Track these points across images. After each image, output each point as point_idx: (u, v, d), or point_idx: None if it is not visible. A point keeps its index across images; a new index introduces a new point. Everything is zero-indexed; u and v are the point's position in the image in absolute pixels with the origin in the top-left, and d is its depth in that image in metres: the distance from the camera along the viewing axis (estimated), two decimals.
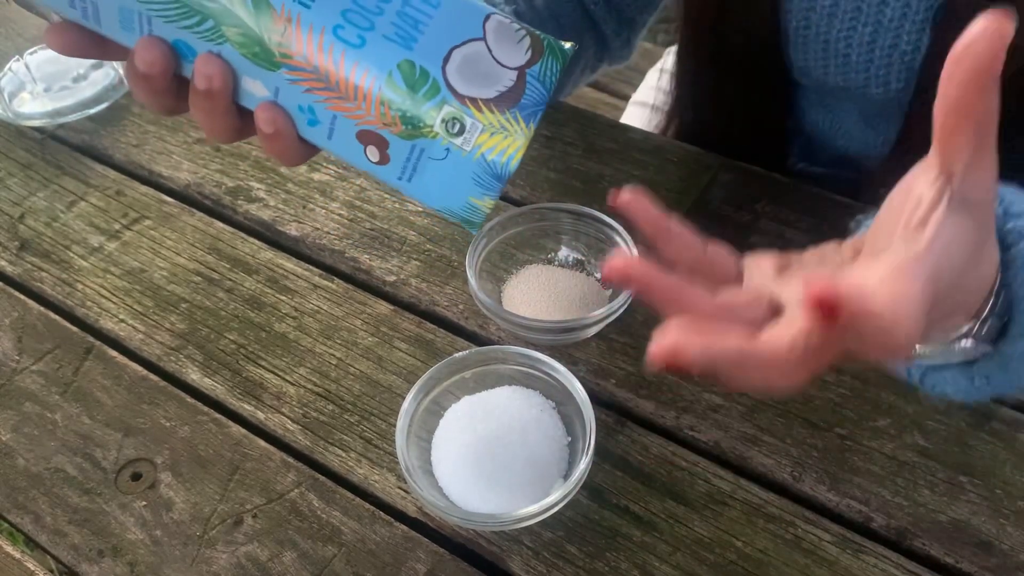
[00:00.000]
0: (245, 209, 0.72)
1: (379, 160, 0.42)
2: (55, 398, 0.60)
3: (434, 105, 0.40)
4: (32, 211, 0.73)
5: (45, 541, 0.53)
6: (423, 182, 0.42)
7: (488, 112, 0.40)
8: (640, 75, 1.06)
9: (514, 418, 0.53)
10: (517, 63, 0.41)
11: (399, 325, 0.62)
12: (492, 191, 0.42)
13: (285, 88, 0.40)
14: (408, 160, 0.41)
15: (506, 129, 0.40)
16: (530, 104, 0.41)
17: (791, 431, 0.55)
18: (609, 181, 0.70)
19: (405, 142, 0.40)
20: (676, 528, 0.51)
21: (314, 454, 0.56)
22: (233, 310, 0.64)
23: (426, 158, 0.41)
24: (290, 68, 0.39)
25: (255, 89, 0.41)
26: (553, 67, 0.42)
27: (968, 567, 0.49)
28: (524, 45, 0.41)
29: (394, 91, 0.39)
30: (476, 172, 0.41)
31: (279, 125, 0.41)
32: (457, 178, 0.41)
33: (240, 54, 0.40)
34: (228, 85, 0.40)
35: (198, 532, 0.53)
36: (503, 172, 0.41)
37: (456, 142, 0.40)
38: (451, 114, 0.40)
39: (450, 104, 0.40)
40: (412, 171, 0.42)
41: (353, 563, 0.51)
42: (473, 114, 0.40)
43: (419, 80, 0.39)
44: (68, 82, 0.80)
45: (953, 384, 0.40)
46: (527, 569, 0.50)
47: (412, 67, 0.39)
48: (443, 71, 0.40)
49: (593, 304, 0.60)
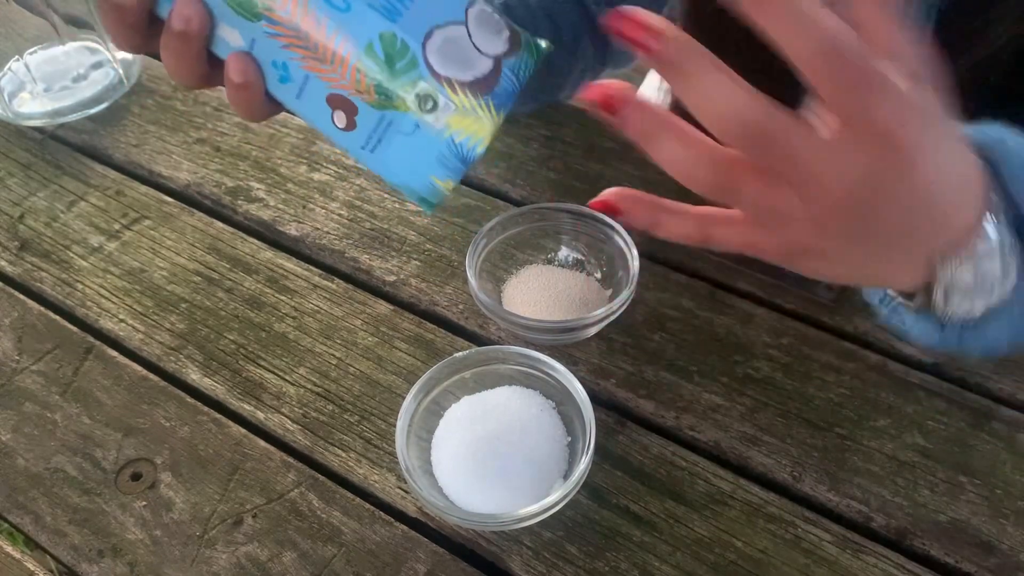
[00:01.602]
0: (245, 209, 0.72)
1: (345, 126, 0.42)
2: (55, 398, 0.60)
3: (410, 80, 0.40)
4: (32, 211, 0.73)
5: (45, 541, 0.53)
6: (386, 155, 0.42)
7: (462, 94, 0.40)
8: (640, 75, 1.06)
9: (514, 418, 0.53)
10: (495, 51, 0.41)
11: (399, 325, 0.62)
12: (455, 173, 0.42)
13: (262, 41, 0.40)
14: (375, 130, 0.42)
15: (477, 113, 0.41)
16: (502, 94, 0.41)
17: (791, 431, 0.55)
18: (609, 181, 0.70)
19: (375, 111, 0.41)
20: (676, 528, 0.51)
21: (314, 454, 0.56)
22: (233, 310, 0.64)
23: (394, 131, 0.41)
24: (271, 21, 0.40)
25: (231, 38, 0.41)
26: (528, 63, 0.42)
27: (968, 567, 0.49)
28: (503, 36, 0.42)
29: (373, 60, 0.40)
30: (442, 151, 0.41)
31: (249, 77, 0.41)
32: (422, 154, 0.42)
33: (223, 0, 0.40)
34: (205, 29, 0.40)
35: (198, 532, 0.53)
36: (468, 155, 0.41)
37: (427, 119, 0.40)
38: (426, 90, 0.40)
39: (426, 80, 0.40)
40: (377, 142, 0.42)
41: (353, 563, 0.51)
42: (448, 94, 0.40)
43: (399, 53, 0.40)
44: (68, 82, 0.80)
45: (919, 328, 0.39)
46: (527, 569, 0.50)
47: (394, 39, 0.40)
48: (423, 48, 0.40)
49: (593, 304, 0.60)
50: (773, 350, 0.59)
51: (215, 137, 0.78)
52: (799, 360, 0.58)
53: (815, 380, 0.57)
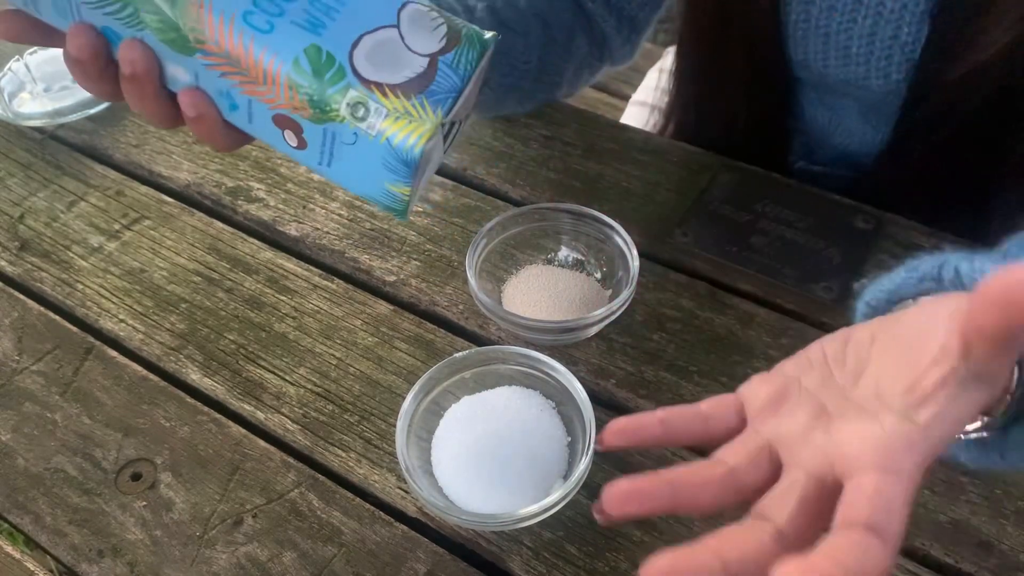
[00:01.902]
0: (245, 209, 0.72)
1: (297, 145, 0.42)
2: (55, 398, 0.60)
3: (339, 89, 0.40)
4: (32, 211, 0.73)
5: (45, 541, 0.53)
6: (341, 167, 0.43)
7: (393, 97, 0.40)
8: (640, 75, 1.06)
9: (514, 418, 0.53)
10: (429, 50, 0.42)
11: (399, 325, 0.62)
12: (403, 177, 0.42)
13: (203, 73, 0.41)
14: (324, 145, 0.42)
15: (410, 114, 0.41)
16: (440, 91, 0.41)
17: None
18: (609, 181, 0.70)
19: (317, 126, 0.41)
20: (676, 528, 0.51)
21: (314, 454, 0.56)
22: (233, 310, 0.64)
23: (339, 142, 0.42)
24: (204, 53, 0.40)
25: (178, 75, 0.42)
26: (469, 55, 0.42)
27: (968, 567, 0.49)
28: (439, 33, 0.42)
29: (300, 75, 0.40)
30: (383, 156, 0.41)
31: (201, 109, 0.42)
32: (368, 163, 0.42)
33: (159, 39, 0.40)
34: (152, 70, 0.41)
35: (198, 532, 0.53)
36: (408, 157, 0.41)
37: (362, 126, 0.41)
38: (355, 98, 0.40)
39: (355, 88, 0.40)
40: (330, 156, 0.42)
41: (353, 563, 0.51)
42: (378, 98, 0.40)
43: (325, 64, 0.40)
44: (68, 82, 0.80)
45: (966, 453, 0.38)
46: (527, 569, 0.50)
47: (319, 52, 0.40)
48: (350, 56, 0.40)
49: (593, 304, 0.60)
50: (773, 350, 0.59)
51: None
52: None
53: None
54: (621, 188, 0.70)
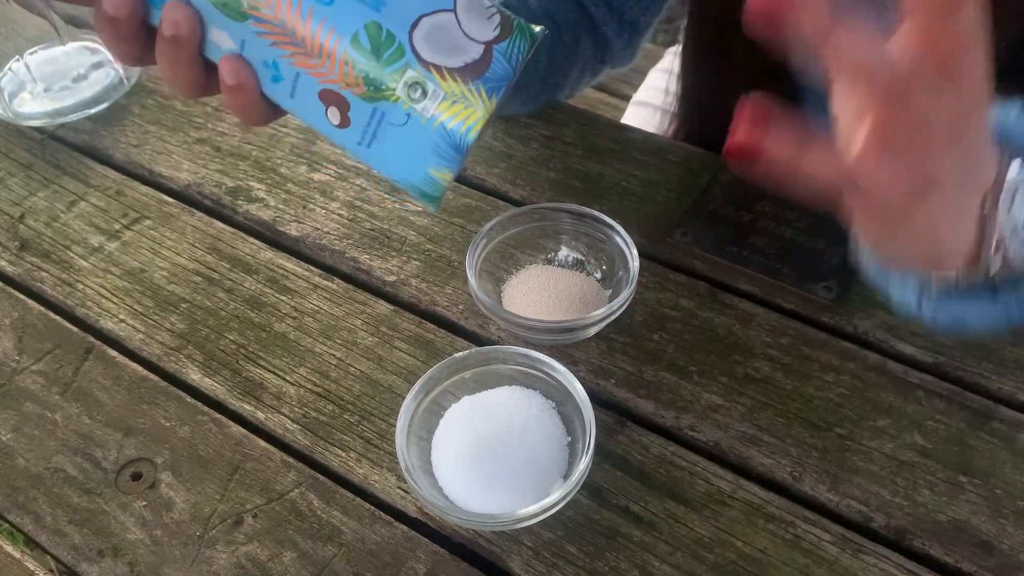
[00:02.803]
0: (245, 209, 0.72)
1: (340, 123, 0.42)
2: (55, 398, 0.60)
3: (397, 68, 0.40)
4: (32, 211, 0.73)
5: (45, 541, 0.53)
6: (382, 149, 0.42)
7: (451, 80, 0.40)
8: (640, 75, 1.06)
9: (514, 418, 0.53)
10: (485, 37, 0.41)
11: (399, 325, 0.62)
12: (451, 163, 0.41)
13: (251, 40, 0.40)
14: (368, 124, 0.41)
15: (467, 99, 0.40)
16: (494, 78, 0.41)
17: (791, 431, 0.55)
18: (609, 181, 0.70)
19: (367, 104, 0.41)
20: (676, 528, 0.51)
21: (314, 454, 0.56)
22: (233, 310, 0.64)
23: (386, 123, 0.41)
24: (257, 20, 0.39)
25: (221, 40, 0.41)
26: (521, 46, 0.42)
27: (968, 567, 0.49)
28: (494, 22, 0.41)
29: (359, 51, 0.39)
30: (435, 140, 0.41)
31: (242, 78, 0.41)
32: (417, 145, 0.41)
33: (209, 2, 0.40)
34: (195, 33, 0.40)
35: (198, 532, 0.53)
36: (461, 142, 0.41)
37: (417, 107, 0.40)
38: (414, 78, 0.40)
39: (413, 68, 0.40)
40: (372, 136, 0.42)
41: (353, 563, 0.51)
42: (436, 80, 0.40)
43: (385, 42, 0.39)
44: (68, 82, 0.80)
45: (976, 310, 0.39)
46: (527, 569, 0.50)
47: (379, 29, 0.39)
48: (410, 36, 0.40)
49: (593, 304, 0.60)
50: (773, 350, 0.59)
51: (215, 137, 0.78)
52: (799, 360, 0.58)
53: (815, 380, 0.57)
54: (621, 188, 0.70)
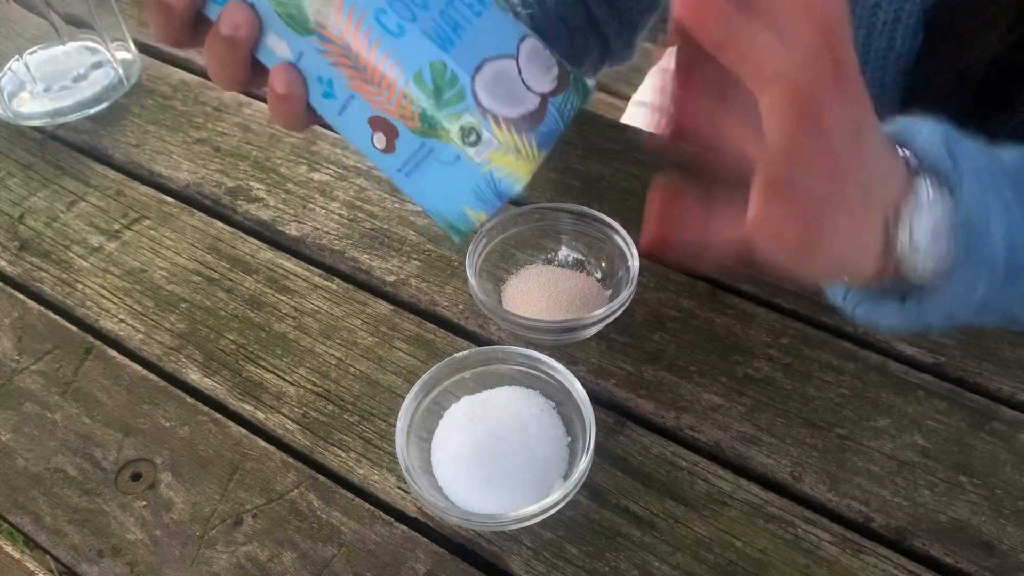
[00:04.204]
0: (245, 209, 0.72)
1: (384, 148, 0.41)
2: (55, 398, 0.60)
3: (456, 111, 0.39)
4: (32, 211, 0.73)
5: (45, 541, 0.53)
6: (422, 180, 0.42)
7: (507, 130, 0.40)
8: (641, 75, 1.07)
9: (514, 418, 0.53)
10: (543, 89, 0.41)
11: (399, 325, 0.62)
12: (489, 207, 0.41)
13: (310, 55, 0.40)
14: (414, 156, 0.41)
15: (519, 151, 0.40)
16: (546, 132, 0.41)
17: (791, 431, 0.55)
18: (609, 181, 0.70)
19: (416, 138, 0.40)
20: (676, 528, 0.51)
21: (314, 454, 0.56)
22: (233, 310, 0.64)
23: (432, 158, 0.41)
24: (322, 38, 0.39)
25: (278, 48, 0.40)
26: (573, 101, 0.42)
27: (968, 567, 0.49)
28: (553, 73, 0.41)
29: (420, 88, 0.39)
30: (480, 185, 0.41)
31: (293, 89, 0.40)
32: (459, 185, 0.41)
33: (274, 10, 0.39)
34: (253, 37, 0.39)
35: (198, 532, 0.53)
36: (505, 191, 0.41)
37: (469, 152, 0.40)
38: (470, 124, 0.39)
39: (471, 113, 0.39)
40: (414, 167, 0.41)
41: (353, 563, 0.51)
42: (492, 129, 0.40)
43: (448, 83, 0.39)
44: (68, 82, 0.80)
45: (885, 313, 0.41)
46: (527, 569, 0.50)
47: (444, 68, 0.39)
48: (472, 80, 0.39)
49: (593, 304, 0.60)
50: (773, 350, 0.59)
51: (215, 137, 0.78)
52: (799, 360, 0.58)
53: (815, 380, 0.57)
54: (621, 188, 0.70)
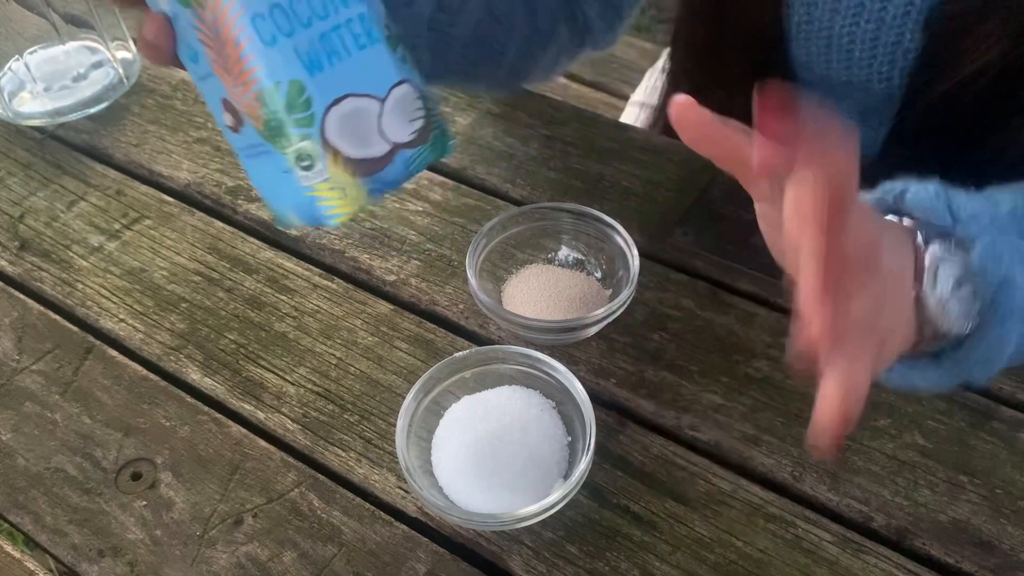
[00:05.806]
0: (245, 209, 0.72)
1: (232, 127, 0.42)
2: (55, 398, 0.60)
3: (299, 134, 0.39)
4: (32, 211, 0.73)
5: (45, 541, 0.53)
6: (260, 168, 0.43)
7: (342, 169, 0.40)
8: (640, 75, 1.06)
9: (514, 418, 0.53)
10: (397, 139, 0.41)
11: (399, 325, 0.62)
12: (308, 223, 0.42)
13: (184, 23, 0.41)
14: (254, 147, 0.42)
15: (346, 192, 0.40)
16: (383, 180, 0.41)
17: (791, 431, 0.55)
18: (609, 181, 0.70)
19: (257, 135, 0.41)
20: (676, 528, 0.51)
21: (314, 454, 0.56)
22: (233, 310, 0.64)
23: (267, 158, 0.41)
24: (197, 16, 0.39)
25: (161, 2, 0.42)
26: (426, 157, 0.42)
27: (968, 567, 0.49)
28: (414, 126, 0.41)
29: (272, 99, 0.39)
30: (301, 203, 0.41)
31: (161, 41, 0.42)
32: (285, 191, 0.42)
33: None
34: None
35: (198, 532, 0.53)
36: (321, 221, 0.41)
37: (299, 173, 0.40)
38: (308, 151, 0.39)
39: (312, 142, 0.39)
40: (254, 155, 0.42)
41: (353, 563, 0.51)
42: (327, 163, 0.40)
43: (301, 105, 0.39)
44: (68, 82, 0.80)
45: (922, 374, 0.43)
46: (527, 569, 0.50)
47: (302, 90, 0.39)
48: (327, 110, 0.39)
49: (593, 304, 0.60)
50: (773, 350, 0.59)
51: (215, 137, 0.78)
52: None
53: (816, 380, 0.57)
54: (621, 188, 0.70)
